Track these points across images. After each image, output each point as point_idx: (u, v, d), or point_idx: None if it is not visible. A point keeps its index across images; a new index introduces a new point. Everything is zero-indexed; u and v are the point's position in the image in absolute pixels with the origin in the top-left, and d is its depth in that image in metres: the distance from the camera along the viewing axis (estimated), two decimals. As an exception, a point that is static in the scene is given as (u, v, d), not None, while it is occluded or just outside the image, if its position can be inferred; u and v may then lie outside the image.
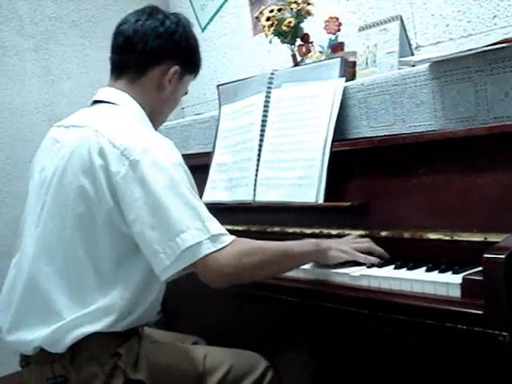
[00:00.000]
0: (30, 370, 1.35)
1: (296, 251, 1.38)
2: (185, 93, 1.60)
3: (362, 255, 1.43)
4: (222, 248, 1.24)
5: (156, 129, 1.50)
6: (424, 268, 1.32)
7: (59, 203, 1.32)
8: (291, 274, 1.52)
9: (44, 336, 1.28)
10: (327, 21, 2.17)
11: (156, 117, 1.51)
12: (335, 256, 1.42)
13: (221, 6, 3.08)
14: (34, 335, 1.30)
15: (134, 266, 1.31)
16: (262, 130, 1.88)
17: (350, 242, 1.47)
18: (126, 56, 1.46)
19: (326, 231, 1.63)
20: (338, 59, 1.74)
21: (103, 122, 1.34)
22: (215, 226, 1.26)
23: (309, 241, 1.44)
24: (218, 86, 2.18)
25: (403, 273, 1.33)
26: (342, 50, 2.10)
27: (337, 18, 2.15)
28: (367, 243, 1.47)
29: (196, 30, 3.29)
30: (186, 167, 1.32)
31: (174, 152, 1.31)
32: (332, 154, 1.63)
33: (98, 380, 1.29)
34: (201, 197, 2.04)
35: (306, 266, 1.51)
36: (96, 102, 1.45)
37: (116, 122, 1.35)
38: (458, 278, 1.19)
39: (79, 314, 1.28)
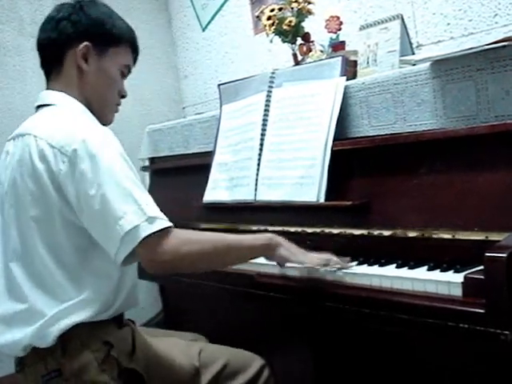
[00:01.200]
0: (24, 373, 1.37)
1: (242, 244, 1.39)
2: (126, 67, 1.52)
3: (307, 258, 1.41)
4: (161, 232, 1.24)
5: (106, 121, 1.49)
6: (425, 267, 1.32)
7: (16, 211, 1.36)
8: (289, 272, 1.52)
9: (31, 333, 1.31)
10: (328, 20, 2.16)
11: (97, 102, 1.47)
12: (283, 255, 1.40)
13: (222, 6, 3.08)
14: (21, 334, 1.32)
15: (99, 256, 1.33)
16: (263, 130, 1.88)
17: (306, 251, 1.44)
18: (43, 57, 1.48)
19: (327, 230, 1.62)
20: (339, 58, 1.74)
21: (41, 126, 1.36)
22: (152, 209, 1.27)
23: (261, 235, 1.43)
24: (219, 85, 2.18)
25: (405, 272, 1.33)
26: (343, 49, 2.10)
27: (338, 17, 2.15)
28: (323, 259, 1.42)
29: (197, 29, 3.31)
30: (125, 154, 1.33)
31: (111, 141, 1.32)
32: (333, 153, 1.63)
33: (92, 368, 1.30)
34: (202, 197, 2.06)
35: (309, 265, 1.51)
36: (39, 106, 1.47)
37: (53, 122, 1.37)
38: (459, 277, 1.19)
39: (60, 308, 1.30)
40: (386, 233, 1.48)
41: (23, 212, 1.34)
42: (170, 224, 1.27)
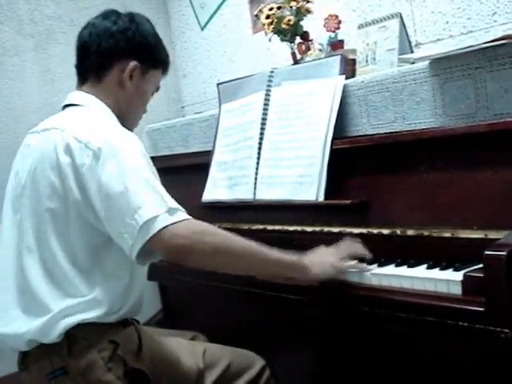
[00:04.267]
0: (28, 371, 1.37)
1: (268, 257, 1.31)
2: (156, 89, 1.61)
3: (348, 265, 1.38)
4: (179, 222, 1.24)
5: (131, 129, 1.52)
6: (425, 265, 1.32)
7: (33, 202, 1.37)
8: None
9: (36, 328, 1.31)
10: (327, 18, 2.17)
11: (126, 116, 1.52)
12: (318, 273, 1.35)
13: (220, 5, 3.08)
14: (27, 327, 1.32)
15: (111, 257, 1.34)
16: (262, 129, 1.88)
17: (333, 251, 1.41)
18: (85, 60, 1.51)
19: (326, 229, 1.62)
20: (338, 57, 1.74)
21: (69, 122, 1.39)
22: (172, 201, 1.28)
23: (291, 256, 1.35)
24: (218, 84, 2.18)
25: (404, 270, 1.33)
26: (342, 47, 2.10)
27: (336, 16, 2.15)
28: (350, 248, 1.42)
29: (196, 28, 3.31)
30: (148, 157, 1.36)
31: (136, 142, 1.35)
32: (332, 151, 1.63)
33: (98, 367, 1.30)
34: (201, 196, 2.06)
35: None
36: (67, 106, 1.49)
37: (81, 120, 1.40)
38: (458, 275, 1.19)
39: (66, 306, 1.31)
40: (385, 231, 1.48)
41: (41, 204, 1.35)
42: (189, 217, 1.28)
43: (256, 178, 1.86)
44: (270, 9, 2.11)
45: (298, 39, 2.15)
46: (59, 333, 1.30)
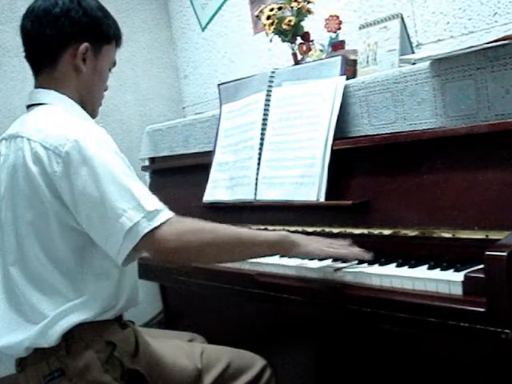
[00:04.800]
0: (26, 373, 1.36)
1: (254, 239, 1.36)
2: (113, 64, 1.52)
3: (335, 252, 1.39)
4: (161, 224, 1.24)
5: (96, 111, 1.50)
6: (426, 266, 1.32)
7: (13, 215, 1.35)
8: (289, 271, 1.52)
9: (33, 335, 1.30)
10: (328, 19, 2.17)
11: (89, 99, 1.46)
12: (304, 252, 1.38)
13: (221, 5, 3.08)
14: (24, 335, 1.31)
15: (98, 255, 1.33)
16: (263, 129, 1.88)
17: (327, 242, 1.41)
18: (33, 52, 1.42)
19: (327, 230, 1.62)
20: (339, 57, 1.74)
21: (34, 128, 1.34)
22: (151, 202, 1.26)
23: (275, 232, 1.41)
24: (219, 85, 2.18)
25: (405, 271, 1.33)
26: (343, 48, 2.10)
27: (337, 16, 2.15)
28: (345, 250, 1.40)
29: (196, 29, 3.31)
30: (119, 151, 1.32)
31: (105, 139, 1.31)
32: (333, 152, 1.63)
33: (96, 368, 1.30)
34: (202, 196, 2.06)
35: (308, 264, 1.51)
36: (30, 105, 1.44)
37: (46, 123, 1.34)
38: (459, 276, 1.19)
39: (62, 309, 1.30)
40: (386, 232, 1.47)
41: (20, 216, 1.33)
42: (171, 215, 1.27)
43: (257, 179, 1.86)
44: (271, 9, 2.11)
45: (298, 40, 2.15)
46: (57, 336, 1.29)
